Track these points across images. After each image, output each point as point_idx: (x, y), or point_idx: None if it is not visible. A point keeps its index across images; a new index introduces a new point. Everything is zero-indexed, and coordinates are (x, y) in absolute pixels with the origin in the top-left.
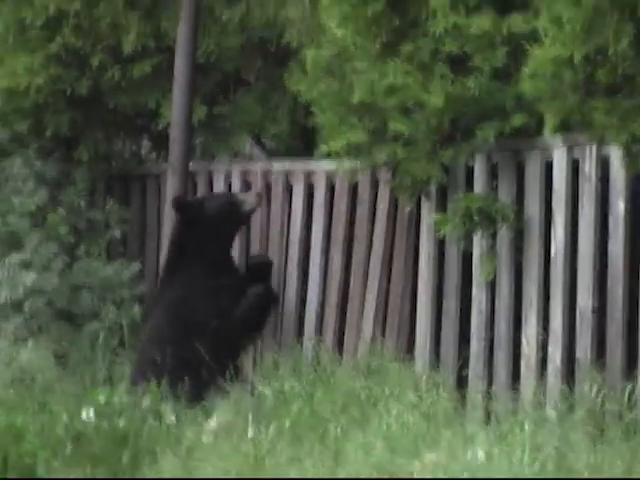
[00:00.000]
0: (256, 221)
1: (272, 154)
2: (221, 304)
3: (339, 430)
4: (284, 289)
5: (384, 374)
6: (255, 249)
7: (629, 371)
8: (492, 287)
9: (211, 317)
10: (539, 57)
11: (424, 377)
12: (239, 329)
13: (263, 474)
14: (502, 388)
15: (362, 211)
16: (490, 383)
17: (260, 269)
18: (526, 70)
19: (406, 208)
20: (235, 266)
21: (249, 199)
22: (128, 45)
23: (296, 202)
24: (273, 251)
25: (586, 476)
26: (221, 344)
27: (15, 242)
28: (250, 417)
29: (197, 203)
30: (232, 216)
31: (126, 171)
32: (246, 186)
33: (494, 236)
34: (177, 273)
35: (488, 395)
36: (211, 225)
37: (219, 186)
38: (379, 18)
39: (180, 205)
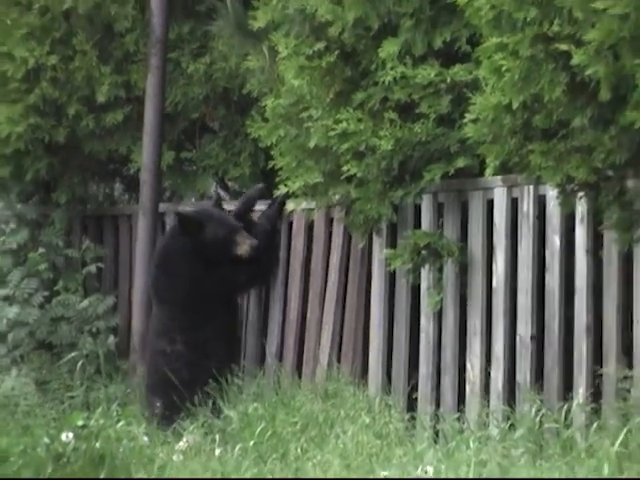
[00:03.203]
0: None
1: (235, 195)
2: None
3: (299, 449)
4: (246, 319)
5: (340, 397)
6: None
7: (565, 392)
8: (439, 317)
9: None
10: (481, 104)
11: (377, 400)
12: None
13: None
14: (449, 409)
15: (318, 247)
16: (438, 405)
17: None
18: (469, 116)
19: (359, 244)
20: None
21: (244, 245)
22: (101, 96)
23: None
24: None
25: None
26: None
27: None
28: (217, 438)
29: (197, 224)
30: (224, 249)
31: (100, 212)
32: None
33: (440, 270)
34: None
35: (436, 416)
36: (205, 245)
37: None
38: (332, 69)
39: (181, 220)
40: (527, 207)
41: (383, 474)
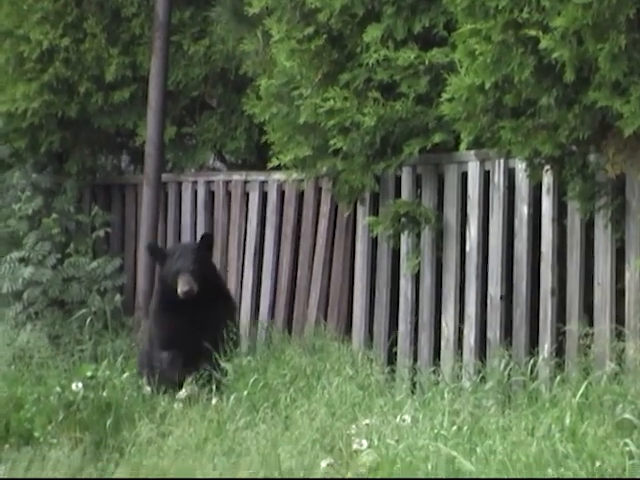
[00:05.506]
0: (218, 222)
1: (232, 167)
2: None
3: (288, 399)
4: (242, 279)
5: (326, 352)
6: (217, 245)
7: (532, 348)
8: (417, 279)
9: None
10: (456, 84)
11: (360, 354)
12: None
13: (224, 436)
14: (425, 363)
15: (307, 214)
16: (415, 359)
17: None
18: (445, 95)
19: (344, 212)
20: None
21: (182, 289)
22: (110, 75)
23: (252, 206)
24: (233, 248)
25: (497, 436)
26: None
27: (15, 242)
28: (214, 388)
29: (160, 257)
30: (170, 286)
31: (108, 181)
32: (210, 195)
33: (419, 236)
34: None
35: (413, 369)
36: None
37: (187, 194)
38: (321, 52)
39: (149, 250)
40: (498, 179)
41: (365, 422)
